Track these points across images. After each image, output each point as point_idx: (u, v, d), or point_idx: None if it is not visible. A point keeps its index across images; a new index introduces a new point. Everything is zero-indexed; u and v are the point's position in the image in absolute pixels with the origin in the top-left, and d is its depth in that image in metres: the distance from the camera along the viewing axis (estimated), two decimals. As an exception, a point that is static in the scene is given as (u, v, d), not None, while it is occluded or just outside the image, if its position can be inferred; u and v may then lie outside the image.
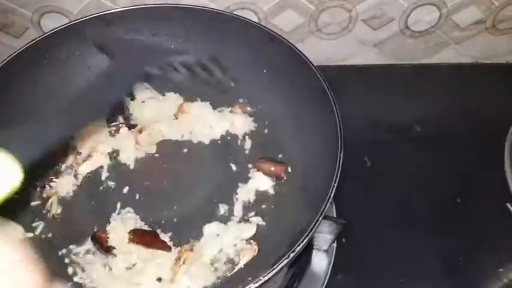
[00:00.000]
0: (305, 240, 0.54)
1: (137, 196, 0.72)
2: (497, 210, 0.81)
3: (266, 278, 0.51)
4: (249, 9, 0.94)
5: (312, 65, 0.71)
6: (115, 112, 0.81)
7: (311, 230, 0.55)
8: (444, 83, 1.04)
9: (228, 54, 0.82)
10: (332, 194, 0.58)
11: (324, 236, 0.70)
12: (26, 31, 0.96)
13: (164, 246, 0.65)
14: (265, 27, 0.78)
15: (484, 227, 0.80)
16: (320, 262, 0.74)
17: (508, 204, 0.81)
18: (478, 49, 1.07)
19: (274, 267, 0.52)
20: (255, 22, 0.80)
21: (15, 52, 0.74)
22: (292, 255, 0.53)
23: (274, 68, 0.79)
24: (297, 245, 0.54)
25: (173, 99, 0.83)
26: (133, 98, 0.83)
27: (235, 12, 0.93)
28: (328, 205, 0.57)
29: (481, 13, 0.99)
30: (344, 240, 0.77)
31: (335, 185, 0.58)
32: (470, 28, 1.02)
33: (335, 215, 0.78)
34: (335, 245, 0.75)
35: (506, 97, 0.98)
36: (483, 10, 0.98)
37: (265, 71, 0.80)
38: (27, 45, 0.75)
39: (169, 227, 0.69)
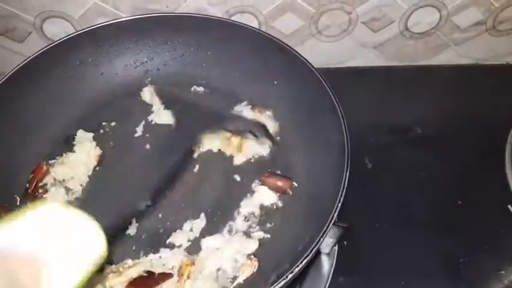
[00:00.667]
0: (305, 261, 0.54)
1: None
2: (498, 212, 0.81)
3: None
4: (249, 12, 0.94)
5: (323, 79, 0.71)
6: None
7: (312, 250, 0.55)
8: (445, 84, 1.04)
9: (239, 65, 0.83)
10: (335, 215, 0.58)
11: (326, 239, 0.70)
12: (28, 36, 0.96)
13: (165, 277, 0.63)
14: (276, 38, 0.78)
15: (484, 228, 0.80)
16: (322, 265, 0.74)
17: (509, 206, 0.81)
18: (478, 50, 1.07)
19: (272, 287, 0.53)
20: (267, 33, 0.80)
21: (27, 59, 0.75)
22: (290, 276, 0.53)
23: (284, 80, 0.79)
24: (295, 266, 0.54)
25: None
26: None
27: (234, 17, 0.94)
28: (331, 226, 0.57)
29: (481, 14, 0.99)
30: (345, 242, 0.78)
31: (339, 205, 0.58)
32: (470, 29, 1.02)
33: (336, 219, 0.78)
34: (336, 247, 0.76)
35: (507, 98, 0.98)
36: (483, 11, 0.98)
37: (275, 82, 0.81)
38: (40, 51, 0.76)
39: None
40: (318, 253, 0.74)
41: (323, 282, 0.72)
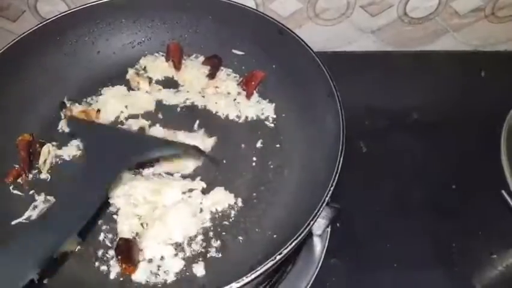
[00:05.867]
0: (296, 242, 0.54)
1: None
2: (492, 197, 0.81)
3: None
4: (246, -7, 0.93)
5: (323, 64, 0.71)
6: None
7: (304, 230, 0.55)
8: (442, 70, 1.03)
9: (237, 47, 0.82)
10: (328, 198, 0.58)
11: (319, 220, 0.70)
12: (22, 14, 0.95)
13: None
14: (276, 20, 0.77)
15: (478, 213, 0.80)
16: (314, 246, 0.74)
17: (503, 191, 0.81)
18: (476, 37, 1.06)
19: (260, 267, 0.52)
20: (268, 15, 0.79)
21: (23, 33, 0.74)
22: (279, 257, 0.53)
23: (283, 64, 0.79)
24: (285, 247, 0.54)
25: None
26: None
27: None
28: (323, 208, 0.57)
29: (480, 0, 0.98)
30: (338, 225, 0.78)
31: (331, 188, 0.58)
32: (469, 15, 1.01)
33: (329, 200, 0.78)
34: (329, 229, 0.76)
35: (504, 85, 0.98)
36: (482, -3, 0.97)
37: (274, 66, 0.80)
38: (36, 27, 0.75)
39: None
40: (311, 234, 0.74)
41: (315, 263, 0.72)
